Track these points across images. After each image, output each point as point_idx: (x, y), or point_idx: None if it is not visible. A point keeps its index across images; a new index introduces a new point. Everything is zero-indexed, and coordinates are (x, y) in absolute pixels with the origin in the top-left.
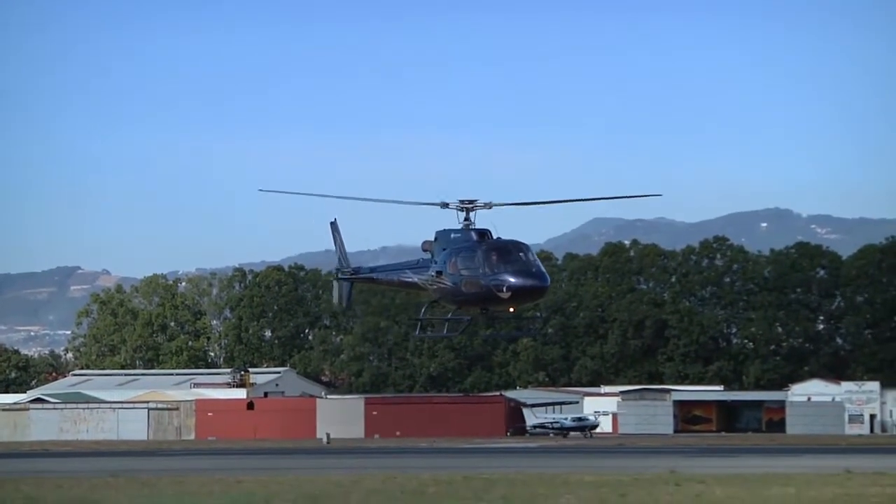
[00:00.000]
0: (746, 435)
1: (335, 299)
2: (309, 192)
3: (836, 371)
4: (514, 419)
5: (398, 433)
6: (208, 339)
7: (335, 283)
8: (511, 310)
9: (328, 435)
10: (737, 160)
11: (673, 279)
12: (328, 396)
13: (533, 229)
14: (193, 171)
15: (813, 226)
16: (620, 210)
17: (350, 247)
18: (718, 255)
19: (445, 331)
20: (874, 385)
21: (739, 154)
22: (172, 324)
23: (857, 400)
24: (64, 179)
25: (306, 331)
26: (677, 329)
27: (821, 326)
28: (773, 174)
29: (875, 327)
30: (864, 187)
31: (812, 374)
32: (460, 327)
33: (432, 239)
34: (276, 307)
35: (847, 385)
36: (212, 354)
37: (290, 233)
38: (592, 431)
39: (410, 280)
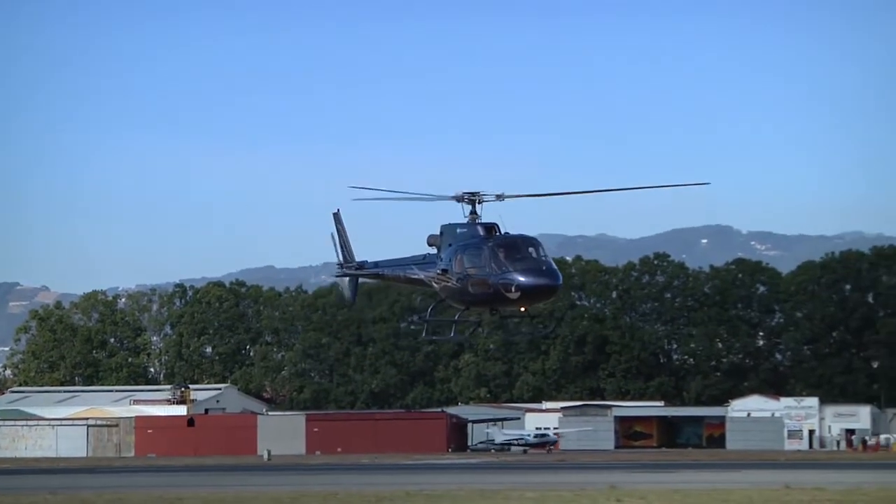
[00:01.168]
0: (687, 450)
1: (345, 294)
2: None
3: (776, 387)
4: (456, 435)
5: (340, 449)
6: (148, 355)
7: (339, 280)
8: (522, 310)
9: (269, 451)
10: (677, 177)
11: (614, 295)
12: (269, 413)
13: None
14: (134, 186)
15: (753, 242)
16: (562, 226)
17: (291, 263)
18: (659, 272)
19: (453, 333)
20: (813, 401)
21: (680, 171)
22: (112, 340)
23: (796, 415)
24: (1, 194)
25: (247, 347)
26: (618, 345)
27: (761, 342)
28: (713, 191)
29: (814, 343)
30: (804, 204)
31: (752, 390)
32: (469, 330)
33: (437, 233)
34: (216, 323)
35: (786, 401)
36: (152, 371)
37: (231, 249)
38: (551, 448)
39: (416, 277)
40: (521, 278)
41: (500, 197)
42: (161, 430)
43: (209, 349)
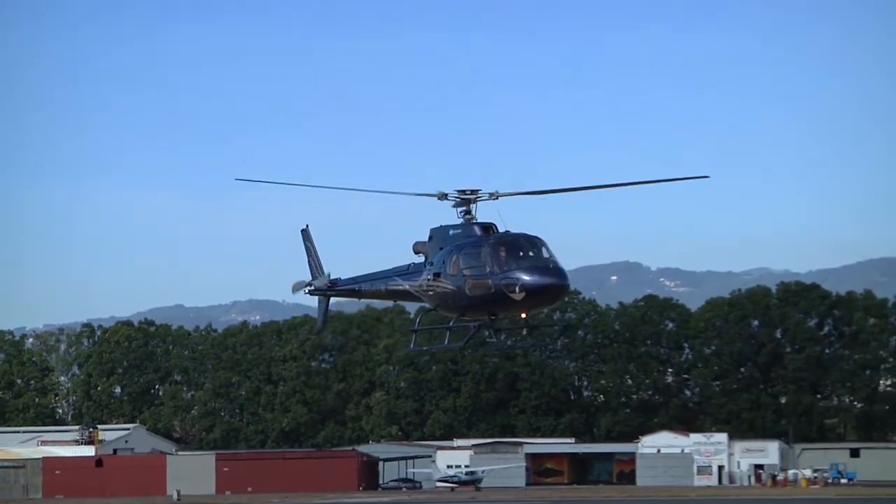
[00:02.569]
0: (598, 487)
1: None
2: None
3: (686, 423)
4: (367, 474)
5: (250, 489)
6: (56, 395)
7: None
8: (523, 315)
9: (179, 492)
10: (587, 214)
11: (524, 332)
12: (179, 453)
13: None
14: (40, 224)
15: (662, 279)
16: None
17: (201, 301)
18: (569, 308)
19: (447, 341)
20: (722, 436)
21: (589, 208)
22: (19, 381)
23: (705, 451)
24: None
25: (156, 386)
26: (529, 382)
27: (670, 379)
28: (622, 228)
29: (722, 379)
30: (712, 241)
31: (662, 426)
32: (465, 336)
33: (425, 239)
34: (125, 363)
35: (696, 437)
36: (60, 411)
37: (140, 287)
38: (479, 485)
39: (400, 288)
40: (526, 277)
41: (494, 195)
42: (69, 471)
43: (118, 389)
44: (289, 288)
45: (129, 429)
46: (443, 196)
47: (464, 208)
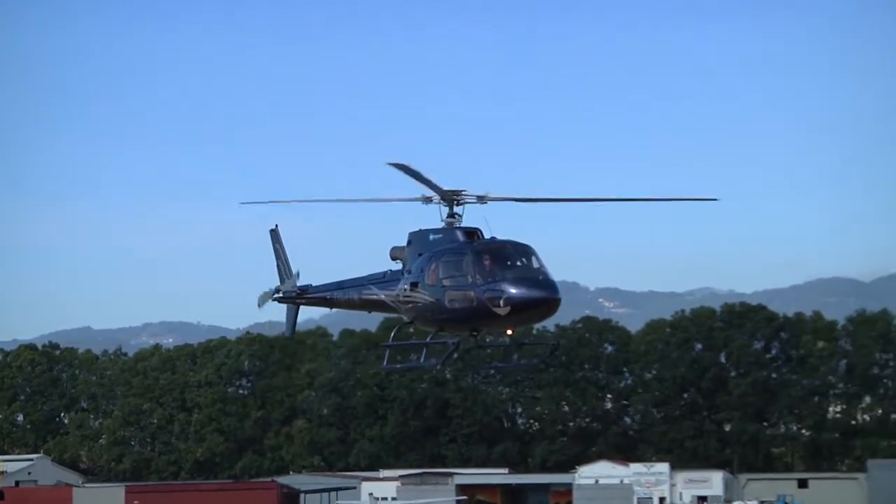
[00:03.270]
0: None
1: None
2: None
3: (625, 452)
4: None
5: None
6: None
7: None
8: (509, 332)
9: None
10: (522, 228)
11: (455, 356)
12: (86, 485)
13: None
14: None
15: (601, 299)
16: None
17: (109, 323)
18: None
19: (423, 358)
20: (664, 466)
21: (526, 222)
22: None
23: (646, 482)
24: None
25: (62, 414)
26: (460, 409)
27: (609, 405)
28: (560, 246)
29: (664, 405)
30: (653, 260)
31: (600, 456)
32: (445, 353)
33: (403, 244)
34: (28, 389)
35: (636, 466)
36: None
37: (44, 309)
38: None
39: (375, 298)
40: (513, 290)
41: (482, 199)
42: None
43: (20, 417)
44: (201, 313)
45: (32, 459)
46: (427, 200)
47: (448, 212)
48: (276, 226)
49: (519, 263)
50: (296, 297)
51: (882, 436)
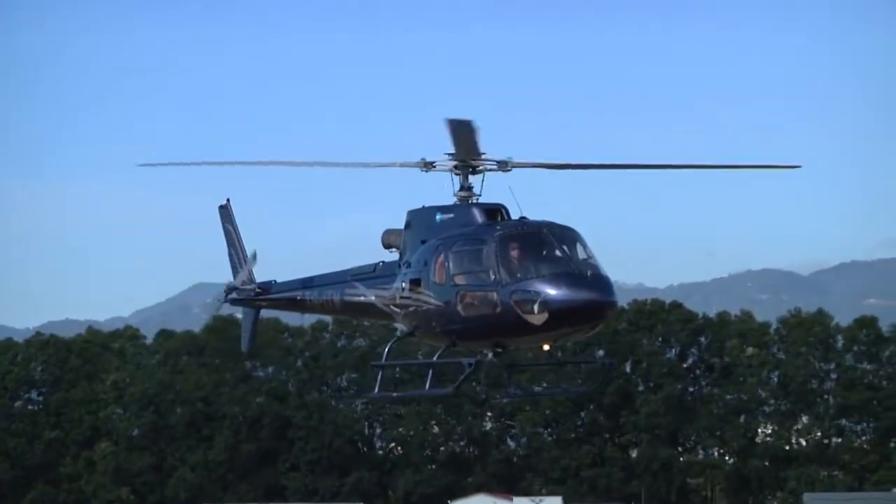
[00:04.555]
0: None
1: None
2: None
3: (508, 482)
4: None
5: None
6: None
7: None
8: (546, 347)
9: None
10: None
11: (299, 364)
12: None
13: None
14: None
15: None
16: (230, 275)
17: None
18: (359, 334)
19: (429, 384)
20: (555, 500)
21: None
22: None
23: None
24: None
25: None
26: (304, 429)
27: (489, 425)
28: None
29: (556, 426)
30: None
31: (477, 488)
32: (459, 379)
33: (400, 226)
34: None
35: (521, 500)
36: None
37: None
38: None
39: (361, 299)
40: (552, 290)
41: (504, 165)
42: None
43: None
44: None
45: None
46: (429, 166)
47: (460, 183)
48: (228, 200)
49: (559, 254)
50: (255, 297)
51: (821, 464)
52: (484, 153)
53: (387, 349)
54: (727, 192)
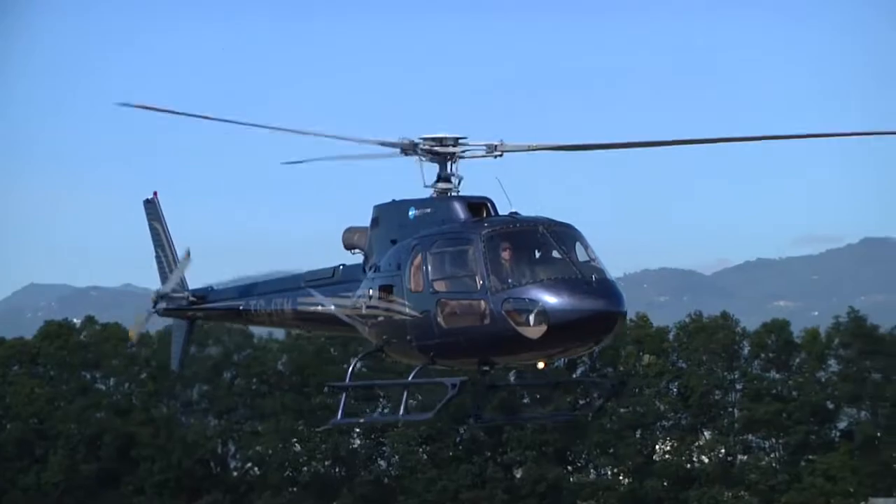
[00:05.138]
0: None
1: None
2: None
3: None
4: None
5: None
6: None
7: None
8: (541, 365)
9: None
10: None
11: (143, 375)
12: None
13: None
14: None
15: None
16: (65, 275)
17: None
18: (211, 342)
19: (403, 408)
20: None
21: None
22: None
23: None
24: None
25: None
26: (150, 447)
27: (357, 443)
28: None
29: (432, 442)
30: None
31: None
32: (440, 402)
33: (364, 224)
34: None
35: None
36: None
37: None
38: None
39: (318, 309)
40: (552, 299)
41: (493, 149)
42: None
43: None
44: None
45: None
46: (410, 147)
47: (438, 170)
48: (155, 194)
49: (558, 255)
50: (188, 307)
51: (726, 484)
52: (464, 136)
53: (351, 368)
54: (623, 183)
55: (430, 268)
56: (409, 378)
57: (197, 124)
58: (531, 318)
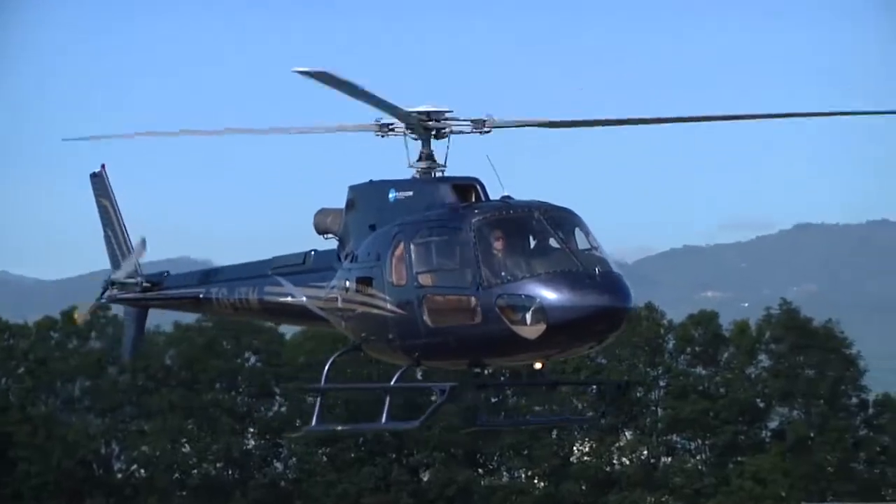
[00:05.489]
0: None
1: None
2: None
3: None
4: None
5: None
6: None
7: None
8: (538, 365)
9: None
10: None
11: (21, 370)
12: None
13: None
14: None
15: None
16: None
17: None
18: (95, 334)
19: (385, 416)
20: None
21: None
22: None
23: None
24: None
25: None
26: (28, 448)
27: (252, 442)
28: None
29: (333, 443)
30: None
31: None
32: (429, 409)
33: (339, 205)
34: None
35: None
36: None
37: None
38: None
39: (288, 300)
40: (552, 294)
41: (480, 125)
42: None
43: None
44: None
45: None
46: (385, 129)
47: (421, 148)
48: (103, 167)
49: (557, 245)
50: (142, 295)
51: (648, 487)
52: (449, 110)
53: (326, 368)
54: (538, 164)
55: (414, 259)
56: (393, 382)
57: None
58: (528, 315)
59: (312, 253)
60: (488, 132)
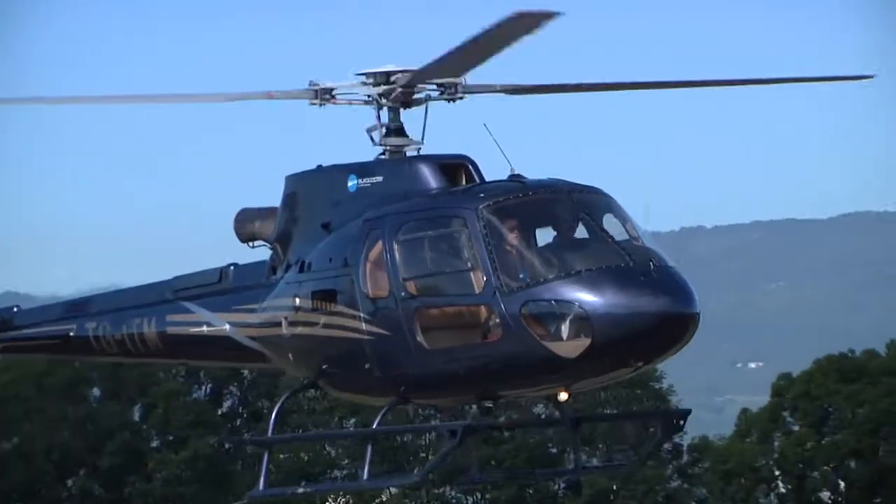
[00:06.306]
0: None
1: None
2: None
3: None
4: None
5: None
6: None
7: None
8: (564, 396)
9: None
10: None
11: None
12: None
13: None
14: None
15: None
16: None
17: None
18: None
19: (367, 473)
20: None
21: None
22: None
23: None
24: None
25: None
26: None
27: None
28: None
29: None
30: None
31: None
32: (436, 456)
33: (265, 204)
34: None
35: None
36: None
37: None
38: None
39: (203, 330)
40: (594, 298)
41: (451, 91)
42: None
43: None
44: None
45: None
46: (324, 95)
47: (387, 121)
48: None
49: (595, 236)
50: None
51: None
52: (409, 68)
53: (274, 414)
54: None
55: (399, 262)
56: (375, 425)
57: None
58: (565, 327)
59: (232, 268)
60: (462, 98)
